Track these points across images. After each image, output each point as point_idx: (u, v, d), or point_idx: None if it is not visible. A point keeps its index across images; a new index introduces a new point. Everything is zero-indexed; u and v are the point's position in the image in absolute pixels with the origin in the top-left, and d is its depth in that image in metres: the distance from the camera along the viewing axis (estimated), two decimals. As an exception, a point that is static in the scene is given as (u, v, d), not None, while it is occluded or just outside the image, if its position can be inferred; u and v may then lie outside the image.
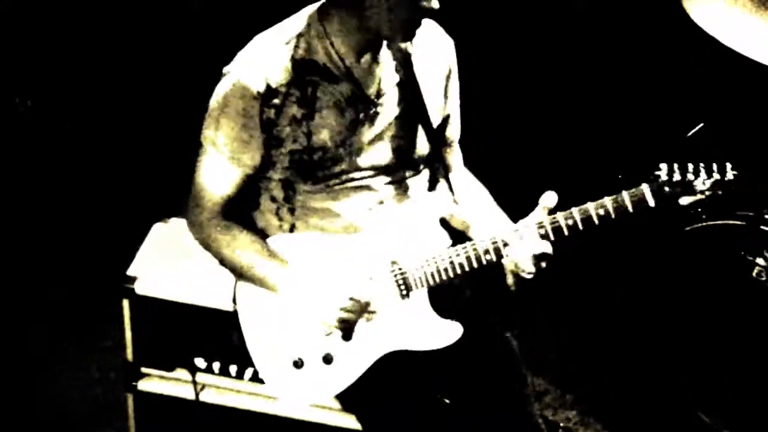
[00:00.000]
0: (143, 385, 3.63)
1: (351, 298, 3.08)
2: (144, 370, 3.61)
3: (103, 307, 4.25)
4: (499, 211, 3.31)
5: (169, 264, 3.61)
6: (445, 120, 3.31)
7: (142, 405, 3.66)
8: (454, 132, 3.38)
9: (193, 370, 3.58)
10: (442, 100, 3.26)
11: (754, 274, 3.88)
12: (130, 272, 3.57)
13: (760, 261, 3.87)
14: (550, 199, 3.05)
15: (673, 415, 4.22)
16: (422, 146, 3.24)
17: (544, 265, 3.07)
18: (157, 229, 3.77)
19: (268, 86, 3.02)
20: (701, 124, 3.81)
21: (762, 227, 3.80)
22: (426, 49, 3.20)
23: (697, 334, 4.11)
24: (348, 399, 3.28)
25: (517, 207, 3.22)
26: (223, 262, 3.23)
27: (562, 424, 4.24)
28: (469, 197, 3.34)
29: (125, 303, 3.54)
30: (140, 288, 3.53)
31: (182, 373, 3.60)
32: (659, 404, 4.27)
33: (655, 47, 4.64)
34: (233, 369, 3.56)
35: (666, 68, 4.60)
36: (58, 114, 5.07)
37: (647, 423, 4.25)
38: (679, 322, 4.15)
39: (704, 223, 3.89)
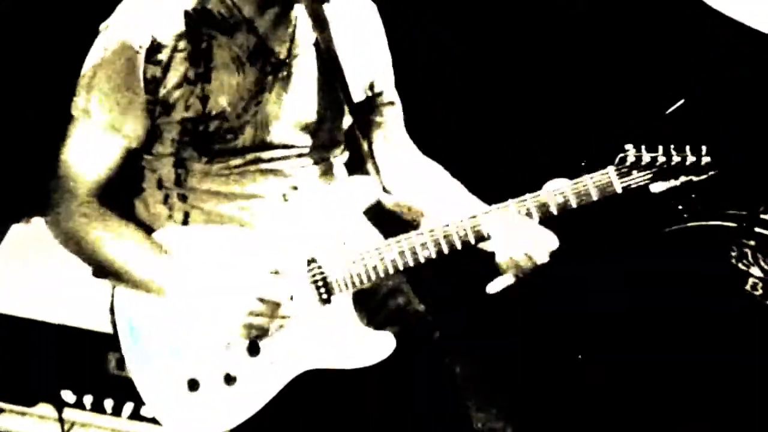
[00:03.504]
0: (-1, 422, 3.48)
1: (260, 299, 2.88)
2: (0, 404, 3.52)
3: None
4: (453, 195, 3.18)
5: (30, 274, 3.53)
6: (373, 90, 3.20)
7: (-3, 447, 3.53)
8: (386, 102, 3.25)
9: (60, 405, 3.45)
10: (367, 69, 3.15)
11: (747, 287, 3.58)
12: (-19, 284, 3.48)
13: (754, 271, 3.57)
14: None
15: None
16: (343, 120, 3.12)
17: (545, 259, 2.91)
18: (16, 231, 3.67)
19: (153, 39, 2.87)
20: (682, 100, 3.58)
21: (756, 229, 3.55)
22: (344, 13, 3.09)
23: (677, 358, 3.82)
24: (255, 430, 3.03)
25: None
26: (95, 263, 2.96)
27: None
28: (418, 180, 3.20)
29: (-25, 321, 3.41)
30: (-6, 304, 3.49)
31: (46, 408, 3.48)
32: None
33: (635, 13, 4.46)
34: (108, 404, 3.44)
35: (646, 36, 4.41)
36: None
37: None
38: (654, 344, 3.86)
39: (687, 224, 3.66)
